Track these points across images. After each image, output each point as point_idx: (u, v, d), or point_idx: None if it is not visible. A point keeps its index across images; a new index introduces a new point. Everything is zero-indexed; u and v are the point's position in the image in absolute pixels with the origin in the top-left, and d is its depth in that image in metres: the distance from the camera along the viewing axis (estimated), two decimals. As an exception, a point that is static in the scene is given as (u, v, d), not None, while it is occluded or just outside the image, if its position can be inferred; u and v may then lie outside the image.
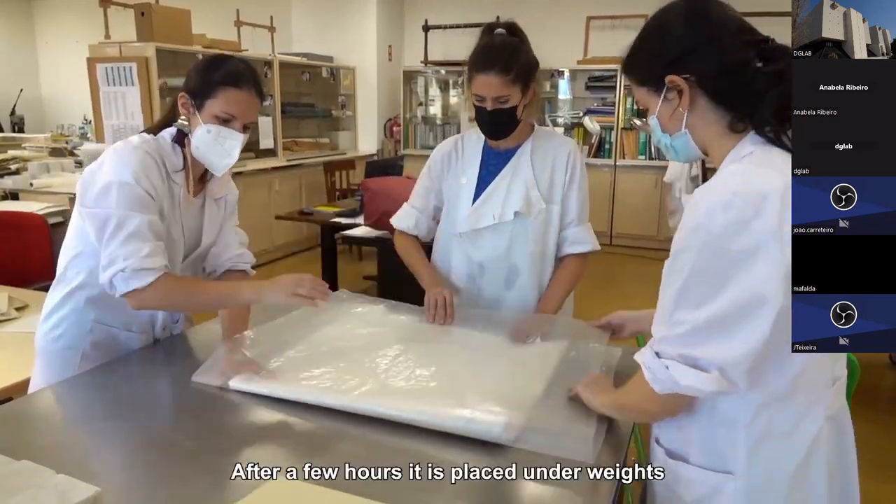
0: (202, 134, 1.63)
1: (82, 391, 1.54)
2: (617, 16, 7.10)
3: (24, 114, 9.36)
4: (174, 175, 1.68)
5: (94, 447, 1.29)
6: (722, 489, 1.12)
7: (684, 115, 1.13)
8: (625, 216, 7.07)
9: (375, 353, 1.68)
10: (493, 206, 1.97)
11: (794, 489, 1.10)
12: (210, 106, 1.63)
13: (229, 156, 1.67)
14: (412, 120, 8.03)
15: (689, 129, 1.14)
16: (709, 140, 1.14)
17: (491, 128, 1.92)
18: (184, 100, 1.65)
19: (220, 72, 1.63)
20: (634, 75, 1.20)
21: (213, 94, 1.62)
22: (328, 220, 4.47)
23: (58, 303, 1.70)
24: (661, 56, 1.13)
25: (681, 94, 1.12)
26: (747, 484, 1.10)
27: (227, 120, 1.64)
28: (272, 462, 1.23)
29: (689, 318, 1.04)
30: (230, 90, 1.62)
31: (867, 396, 1.27)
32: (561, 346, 1.79)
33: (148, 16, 5.21)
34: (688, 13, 1.12)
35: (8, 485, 0.95)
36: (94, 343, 1.69)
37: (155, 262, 1.54)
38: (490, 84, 1.81)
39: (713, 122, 1.12)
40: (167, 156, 1.67)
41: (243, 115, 1.66)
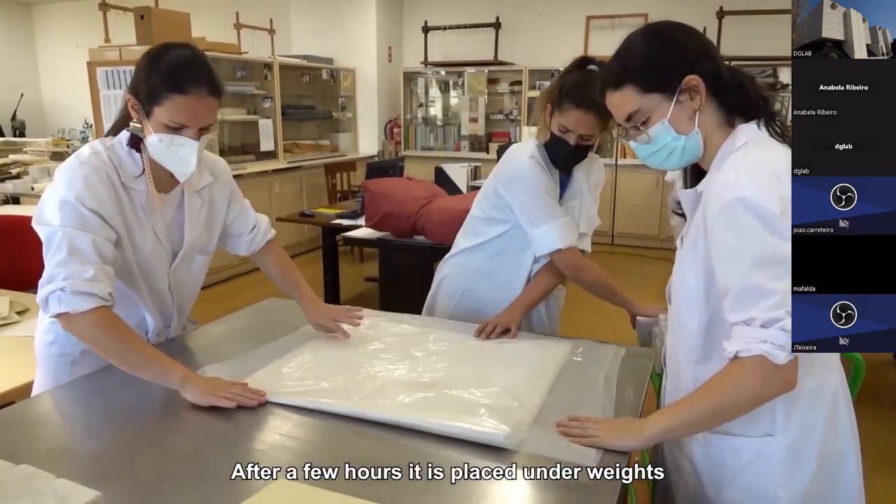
0: (154, 142, 1.51)
1: (82, 395, 1.53)
2: (616, 15, 7.10)
3: (24, 118, 9.38)
4: (132, 182, 1.59)
5: (93, 451, 1.29)
6: (765, 451, 1.22)
7: (697, 114, 1.22)
8: (626, 215, 7.07)
9: (378, 360, 1.68)
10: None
11: (828, 439, 1.22)
12: (158, 114, 1.49)
13: (186, 164, 1.54)
14: (412, 121, 8.03)
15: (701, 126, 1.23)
16: (707, 136, 1.24)
17: (568, 160, 1.97)
18: (131, 102, 1.52)
19: (163, 74, 1.47)
20: (639, 83, 1.23)
21: (158, 102, 1.48)
22: (329, 222, 4.47)
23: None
24: (673, 60, 1.21)
25: (693, 95, 1.21)
26: (788, 442, 1.21)
27: (178, 128, 1.50)
28: (273, 464, 1.23)
29: (777, 287, 1.07)
30: (176, 97, 1.47)
31: (871, 394, 1.27)
32: (566, 345, 1.80)
33: (147, 19, 5.22)
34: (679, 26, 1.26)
35: (8, 490, 0.95)
36: (84, 351, 1.64)
37: (98, 287, 1.42)
38: (586, 123, 1.85)
39: (714, 118, 1.23)
40: (122, 163, 1.58)
41: (195, 121, 1.51)
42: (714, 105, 1.23)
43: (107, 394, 1.54)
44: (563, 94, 1.85)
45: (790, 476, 1.21)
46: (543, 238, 1.97)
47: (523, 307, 2.00)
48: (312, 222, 4.77)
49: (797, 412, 1.20)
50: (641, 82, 1.23)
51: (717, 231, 1.14)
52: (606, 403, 1.47)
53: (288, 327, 1.92)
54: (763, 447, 1.22)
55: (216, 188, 1.81)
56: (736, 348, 1.10)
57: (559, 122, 1.87)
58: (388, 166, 5.26)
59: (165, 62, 1.48)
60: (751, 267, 1.09)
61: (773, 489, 1.21)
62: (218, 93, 1.54)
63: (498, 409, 1.39)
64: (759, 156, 1.15)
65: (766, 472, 1.22)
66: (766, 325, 1.07)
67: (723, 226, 1.12)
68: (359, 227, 4.11)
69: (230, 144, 6.39)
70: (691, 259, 1.23)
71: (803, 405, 1.20)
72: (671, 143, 1.24)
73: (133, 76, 1.53)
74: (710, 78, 1.20)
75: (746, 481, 1.24)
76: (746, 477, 1.23)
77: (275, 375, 1.59)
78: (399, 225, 3.72)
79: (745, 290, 1.10)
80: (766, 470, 1.22)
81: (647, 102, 1.23)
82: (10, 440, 1.32)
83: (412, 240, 3.72)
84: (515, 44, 7.58)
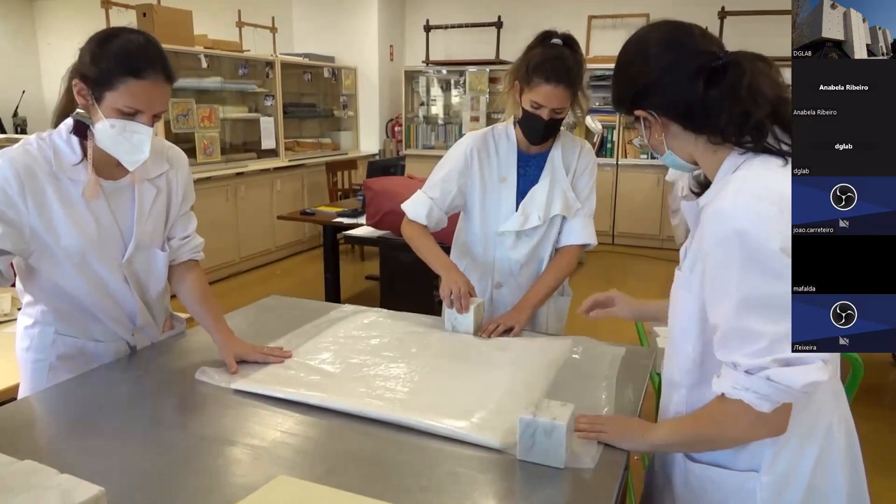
0: (105, 128, 1.46)
1: (83, 391, 1.54)
2: (618, 15, 7.10)
3: (26, 115, 9.36)
4: (68, 172, 1.53)
5: (96, 447, 1.29)
6: (747, 486, 1.17)
7: (662, 139, 1.22)
8: (627, 215, 7.07)
9: (379, 359, 1.68)
10: (537, 208, 2.03)
11: (817, 474, 1.16)
12: (111, 99, 1.45)
13: (139, 151, 1.51)
14: (414, 120, 8.03)
15: (672, 149, 1.22)
16: (697, 156, 1.21)
17: (542, 135, 1.97)
18: (79, 87, 1.47)
19: (118, 57, 1.43)
20: (617, 109, 1.29)
21: (112, 86, 1.44)
22: (330, 221, 4.47)
23: (23, 312, 1.67)
24: (626, 94, 1.23)
25: (652, 124, 1.21)
26: (772, 480, 1.16)
27: (132, 113, 1.47)
28: (274, 460, 1.23)
29: (765, 330, 1.03)
30: (132, 82, 1.43)
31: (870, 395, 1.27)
32: (565, 344, 1.80)
33: (150, 17, 5.22)
34: (638, 52, 1.22)
35: (11, 484, 0.95)
36: (60, 356, 1.63)
37: None
38: (556, 96, 1.86)
39: (691, 141, 1.20)
40: (58, 152, 1.53)
41: (150, 107, 1.48)
42: (684, 130, 1.19)
43: (108, 390, 1.54)
44: (530, 71, 1.85)
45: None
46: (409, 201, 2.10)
47: (531, 307, 2.00)
48: (314, 220, 4.77)
49: (786, 450, 1.15)
50: (616, 109, 1.29)
51: (711, 264, 1.10)
52: (606, 402, 1.48)
53: (289, 325, 1.92)
54: (745, 482, 1.17)
55: (173, 176, 1.74)
56: (722, 389, 1.09)
57: (530, 99, 1.88)
58: (389, 165, 5.27)
59: (118, 46, 1.45)
60: (739, 308, 1.05)
61: None
62: (172, 79, 1.51)
63: (496, 412, 1.40)
64: (762, 180, 1.08)
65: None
66: (751, 371, 1.04)
67: (717, 259, 1.08)
68: (360, 226, 4.11)
69: (231, 142, 6.40)
70: (688, 283, 1.19)
71: (793, 443, 1.15)
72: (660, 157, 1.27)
73: (79, 60, 1.48)
74: (669, 107, 1.18)
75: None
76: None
77: (274, 371, 1.60)
78: (400, 224, 3.72)
79: (731, 332, 1.07)
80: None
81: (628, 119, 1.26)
82: (13, 436, 1.32)
83: (413, 238, 3.72)
84: (517, 43, 7.45)
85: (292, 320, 1.92)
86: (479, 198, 2.07)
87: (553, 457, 1.21)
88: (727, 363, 1.08)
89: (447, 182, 2.07)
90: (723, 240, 1.06)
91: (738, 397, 1.06)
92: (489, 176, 2.05)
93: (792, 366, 1.02)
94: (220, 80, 5.92)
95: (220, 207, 5.63)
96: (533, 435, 1.21)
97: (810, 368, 1.01)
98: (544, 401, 1.29)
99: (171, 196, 1.74)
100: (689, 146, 1.20)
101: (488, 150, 2.05)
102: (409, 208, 2.12)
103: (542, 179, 2.05)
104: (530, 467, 1.22)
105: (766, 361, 1.03)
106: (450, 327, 1.91)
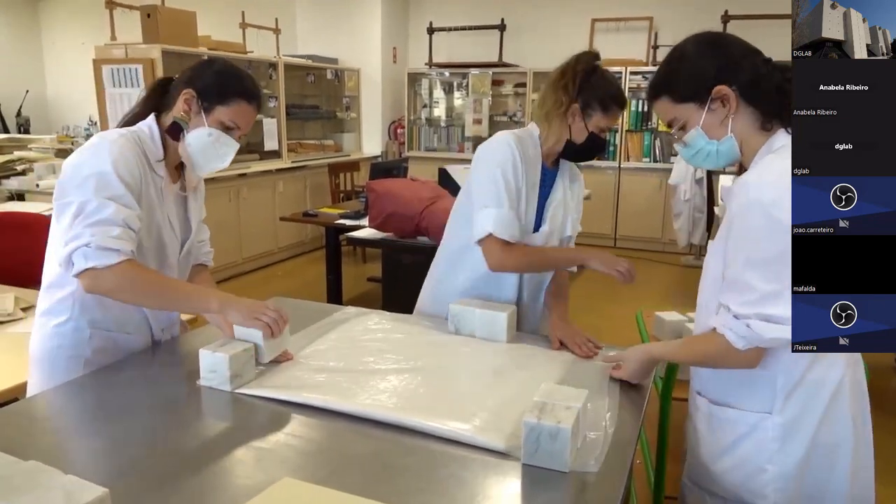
0: (201, 135, 1.64)
1: (89, 392, 1.54)
2: (621, 18, 7.10)
3: (29, 115, 9.39)
4: (156, 165, 1.66)
5: (101, 448, 1.29)
6: (761, 426, 1.32)
7: (728, 121, 1.32)
8: (629, 218, 7.06)
9: (383, 361, 1.67)
10: (556, 228, 2.02)
11: (823, 427, 1.29)
12: (220, 112, 1.64)
13: (222, 161, 1.69)
14: (416, 122, 8.03)
15: (734, 132, 1.33)
16: (744, 140, 1.33)
17: (592, 156, 1.99)
18: (188, 96, 1.64)
19: (239, 84, 1.66)
20: (674, 94, 1.37)
21: (226, 102, 1.64)
22: (332, 222, 4.48)
23: (50, 309, 1.67)
24: (705, 72, 1.32)
25: (724, 103, 1.31)
26: (782, 422, 1.30)
27: (231, 128, 1.67)
28: (278, 462, 1.23)
29: (759, 287, 1.21)
30: (244, 104, 1.66)
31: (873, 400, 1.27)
32: (567, 356, 1.79)
33: (154, 17, 5.23)
34: (716, 38, 1.37)
35: (16, 485, 0.95)
36: (95, 350, 1.66)
37: (122, 244, 1.48)
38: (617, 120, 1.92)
39: (748, 124, 1.32)
40: (147, 146, 1.64)
41: (246, 127, 1.70)
42: (750, 111, 1.31)
43: (113, 391, 1.54)
44: (607, 99, 1.86)
45: (780, 454, 1.30)
46: (483, 220, 1.85)
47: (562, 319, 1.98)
48: (316, 222, 4.77)
49: (795, 397, 1.30)
50: (675, 94, 1.37)
51: (734, 227, 1.26)
52: (610, 407, 1.47)
53: (292, 327, 1.91)
54: (759, 422, 1.32)
55: (199, 190, 1.90)
56: (714, 324, 1.31)
57: (604, 125, 1.88)
58: (392, 167, 5.27)
59: (234, 72, 1.69)
60: (745, 264, 1.23)
61: (762, 462, 1.32)
62: (259, 111, 1.75)
63: (500, 414, 1.39)
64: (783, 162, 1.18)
65: (759, 446, 1.32)
66: (738, 316, 1.25)
67: (738, 224, 1.25)
68: (362, 228, 4.11)
69: (234, 143, 6.40)
70: (718, 249, 1.33)
71: (802, 393, 1.29)
72: (706, 147, 1.36)
73: (192, 74, 1.66)
74: (744, 86, 1.30)
75: (740, 452, 1.34)
76: (741, 448, 1.34)
77: (277, 373, 1.60)
78: (403, 226, 3.73)
79: (734, 281, 1.26)
80: (760, 444, 1.32)
81: (681, 111, 1.37)
82: (18, 436, 1.32)
83: (416, 240, 3.73)
84: (520, 46, 7.59)
85: (295, 322, 1.92)
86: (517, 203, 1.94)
87: (558, 460, 1.20)
88: (724, 305, 1.28)
89: (515, 191, 1.89)
90: (744, 206, 1.22)
91: (723, 333, 1.27)
92: (522, 179, 1.92)
93: (768, 322, 1.21)
94: (223, 82, 5.92)
95: (222, 209, 5.64)
96: (538, 438, 1.21)
97: (780, 328, 1.19)
98: (555, 386, 1.34)
99: (198, 206, 1.88)
100: (746, 129, 1.32)
101: (526, 155, 1.92)
102: (502, 230, 1.85)
103: (556, 196, 2.01)
104: (534, 471, 1.21)
105: (750, 312, 1.23)
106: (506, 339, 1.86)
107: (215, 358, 1.51)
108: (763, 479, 1.32)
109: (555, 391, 1.31)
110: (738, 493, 1.35)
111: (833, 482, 1.31)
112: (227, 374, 1.50)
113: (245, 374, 1.54)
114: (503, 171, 1.86)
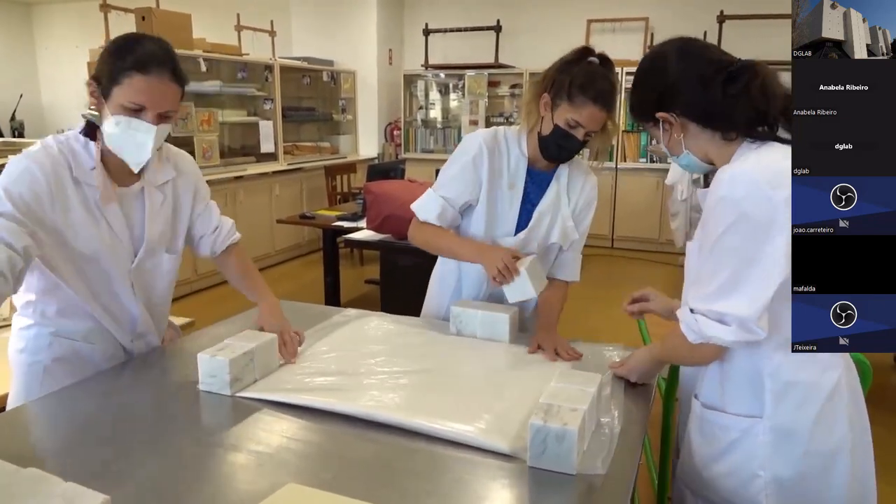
0: (109, 126, 1.49)
1: (87, 398, 1.53)
2: (617, 19, 7.10)
3: (24, 119, 9.36)
4: (85, 177, 1.55)
5: (100, 455, 1.27)
6: (752, 431, 1.29)
7: (681, 140, 1.35)
8: (626, 219, 7.07)
9: (385, 363, 1.67)
10: (539, 234, 1.95)
11: (817, 432, 1.26)
12: (116, 95, 1.46)
13: (142, 150, 1.51)
14: (413, 124, 8.03)
15: (689, 148, 1.36)
16: (711, 153, 1.35)
17: (569, 155, 1.89)
18: (91, 88, 1.50)
19: (125, 54, 1.46)
20: (636, 116, 1.44)
21: (118, 82, 1.45)
22: (330, 224, 4.47)
23: (20, 314, 1.66)
24: (649, 99, 1.37)
25: (672, 126, 1.35)
26: (773, 426, 1.27)
27: (137, 110, 1.47)
28: (280, 466, 1.23)
29: (713, 281, 1.23)
30: (136, 77, 1.45)
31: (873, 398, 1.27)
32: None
33: (149, 20, 5.22)
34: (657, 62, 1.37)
35: (15, 493, 0.95)
36: (56, 358, 1.63)
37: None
38: (597, 119, 1.78)
39: (707, 139, 1.33)
40: (77, 157, 1.54)
41: (154, 104, 1.48)
42: (702, 128, 1.33)
43: (110, 396, 1.53)
44: (574, 87, 1.75)
45: (773, 460, 1.28)
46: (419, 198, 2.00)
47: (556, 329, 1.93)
48: (313, 224, 4.76)
49: (786, 402, 1.27)
50: (635, 114, 1.44)
51: (708, 222, 1.27)
52: (615, 406, 1.47)
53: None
54: (751, 427, 1.30)
55: (180, 183, 1.76)
56: (677, 313, 1.34)
57: (569, 116, 1.77)
58: (389, 168, 5.26)
59: (128, 46, 1.48)
60: (707, 257, 1.25)
61: (755, 468, 1.29)
62: (181, 80, 1.53)
63: (505, 416, 1.39)
64: (764, 159, 1.22)
65: (750, 451, 1.30)
66: (693, 310, 1.27)
67: (709, 217, 1.25)
68: (360, 230, 4.11)
69: (230, 146, 6.39)
70: (695, 249, 1.35)
71: (793, 397, 1.27)
72: (675, 159, 1.41)
73: (97, 63, 1.51)
74: (686, 110, 1.32)
75: (732, 458, 1.32)
76: (733, 454, 1.32)
77: (278, 376, 1.59)
78: (401, 227, 3.71)
79: (696, 273, 1.30)
80: (752, 449, 1.30)
81: (647, 128, 1.43)
82: (17, 443, 1.32)
83: (413, 242, 3.72)
84: (516, 47, 7.59)
85: (294, 324, 1.92)
86: (485, 199, 1.94)
87: (564, 463, 1.19)
88: (685, 299, 1.32)
89: (459, 180, 1.93)
90: (713, 203, 1.23)
91: (680, 326, 1.30)
92: (498, 179, 1.93)
93: (713, 320, 1.22)
94: (218, 84, 5.92)
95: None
96: (544, 440, 1.20)
97: (722, 329, 1.21)
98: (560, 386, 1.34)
99: (179, 203, 1.77)
100: (706, 144, 1.34)
101: (500, 151, 1.93)
102: (420, 209, 1.97)
103: (546, 201, 1.95)
104: (540, 473, 1.20)
105: (703, 308, 1.24)
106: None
107: (215, 362, 1.51)
108: (756, 486, 1.29)
109: (560, 391, 1.31)
110: (732, 500, 1.33)
111: (831, 490, 1.27)
112: (227, 378, 1.50)
113: (245, 378, 1.54)
114: (456, 160, 1.96)
